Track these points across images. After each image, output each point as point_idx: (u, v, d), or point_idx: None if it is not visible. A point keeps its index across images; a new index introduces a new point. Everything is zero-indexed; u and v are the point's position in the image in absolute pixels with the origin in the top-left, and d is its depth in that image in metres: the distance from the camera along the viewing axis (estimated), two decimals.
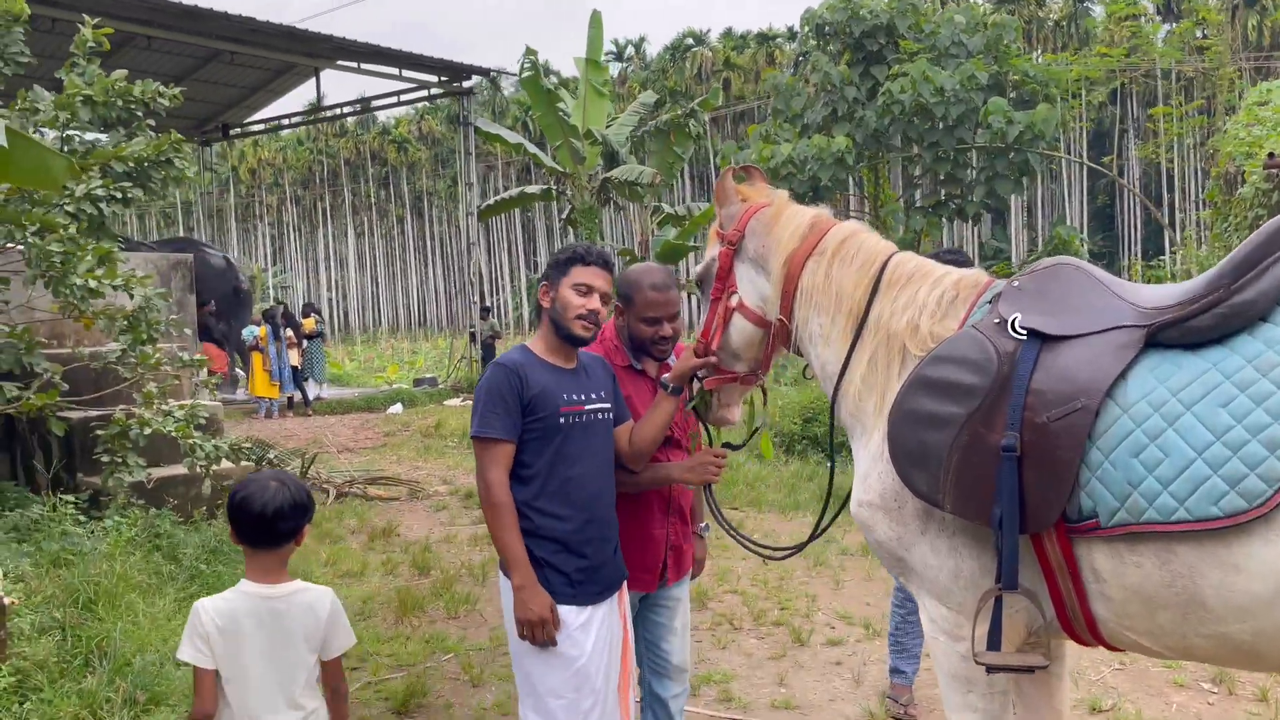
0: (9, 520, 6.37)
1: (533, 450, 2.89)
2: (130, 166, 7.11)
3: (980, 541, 2.27)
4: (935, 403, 2.24)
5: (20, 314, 7.36)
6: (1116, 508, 2.05)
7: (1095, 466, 2.08)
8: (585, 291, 2.91)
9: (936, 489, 2.24)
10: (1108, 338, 2.15)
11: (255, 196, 68.09)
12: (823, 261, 2.64)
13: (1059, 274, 2.33)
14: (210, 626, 2.68)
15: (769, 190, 2.93)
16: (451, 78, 19.88)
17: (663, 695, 3.52)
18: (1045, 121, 13.05)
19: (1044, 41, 41.89)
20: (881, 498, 2.44)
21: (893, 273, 2.55)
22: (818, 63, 14.58)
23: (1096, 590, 2.15)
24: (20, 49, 7.33)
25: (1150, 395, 2.05)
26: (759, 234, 2.80)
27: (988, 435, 2.17)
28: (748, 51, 46.10)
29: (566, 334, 2.94)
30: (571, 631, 2.87)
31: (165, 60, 19.53)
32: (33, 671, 4.52)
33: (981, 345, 2.24)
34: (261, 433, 13.44)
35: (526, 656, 2.91)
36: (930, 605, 2.42)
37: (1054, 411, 2.11)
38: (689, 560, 3.50)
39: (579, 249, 3.00)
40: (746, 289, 2.83)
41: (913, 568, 2.44)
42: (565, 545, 2.91)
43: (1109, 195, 48.24)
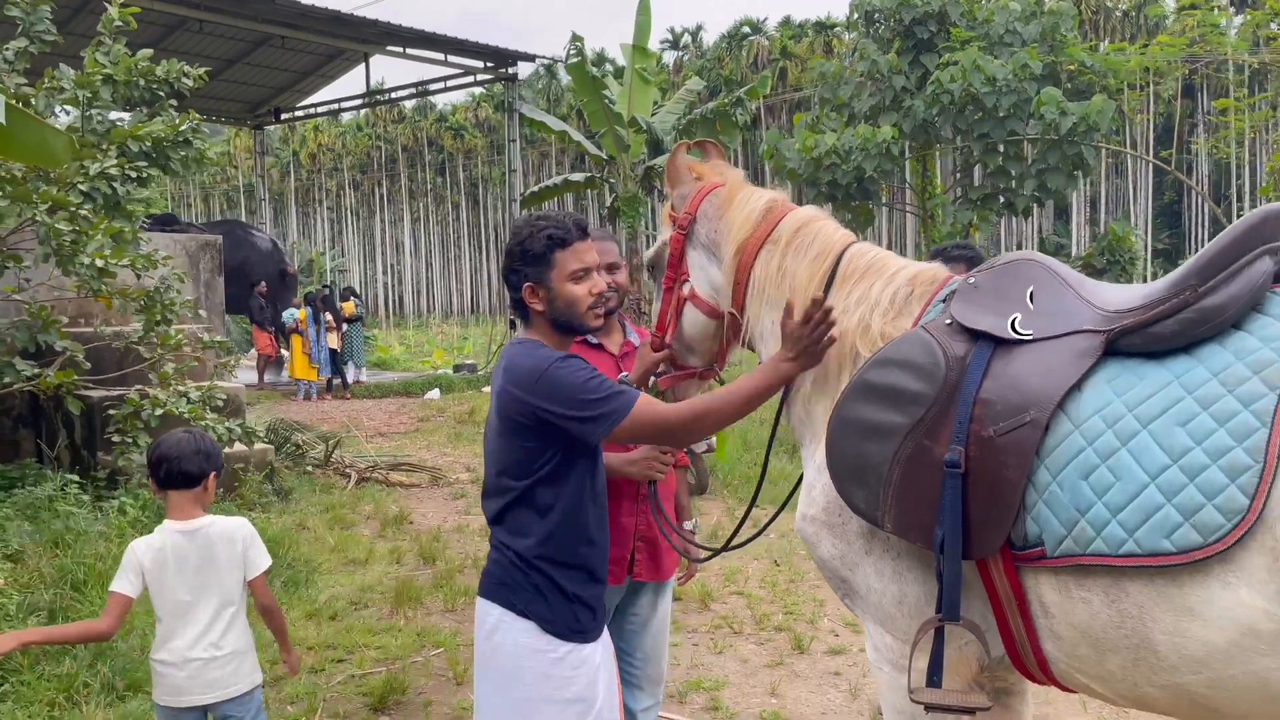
0: (21, 498, 6.39)
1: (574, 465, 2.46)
2: (148, 146, 7.08)
3: (927, 565, 2.06)
4: (877, 411, 2.03)
5: (46, 292, 7.41)
6: (1063, 535, 1.82)
7: (1042, 488, 1.86)
8: (584, 275, 2.44)
9: (876, 506, 2.02)
10: (1065, 343, 1.92)
11: (315, 181, 69.04)
12: (776, 251, 2.41)
13: (1019, 271, 2.09)
14: (144, 560, 3.08)
15: (725, 169, 2.68)
16: (498, 64, 19.81)
17: (632, 708, 3.32)
18: (1101, 113, 12.54)
19: (1111, 33, 40.64)
20: (825, 512, 2.23)
21: (848, 265, 2.32)
22: (865, 50, 14.22)
23: (1045, 626, 1.93)
24: (46, 27, 7.33)
25: (1105, 409, 1.82)
26: (711, 218, 2.57)
27: (932, 448, 1.96)
28: (805, 40, 45.43)
29: (584, 330, 2.53)
30: (592, 674, 2.50)
31: (218, 44, 19.75)
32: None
33: (929, 348, 2.02)
34: (298, 415, 13.48)
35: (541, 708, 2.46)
36: (874, 632, 2.21)
37: (1001, 424, 1.88)
38: (667, 561, 3.29)
39: (552, 229, 2.44)
40: (699, 277, 2.60)
41: (856, 590, 2.22)
42: (592, 572, 2.54)
43: (1176, 191, 46.78)
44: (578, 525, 2.49)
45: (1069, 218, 43.22)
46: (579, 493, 2.48)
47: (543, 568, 2.47)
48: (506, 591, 2.50)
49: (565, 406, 2.33)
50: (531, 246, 2.44)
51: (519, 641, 2.46)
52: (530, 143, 52.48)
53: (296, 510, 8.00)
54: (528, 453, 2.43)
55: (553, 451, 2.42)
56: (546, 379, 2.35)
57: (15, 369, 6.39)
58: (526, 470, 2.44)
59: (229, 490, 7.72)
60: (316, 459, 10.06)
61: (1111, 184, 46.14)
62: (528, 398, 2.37)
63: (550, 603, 2.47)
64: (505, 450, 2.48)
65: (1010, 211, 13.98)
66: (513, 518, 2.49)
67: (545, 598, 2.47)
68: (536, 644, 2.46)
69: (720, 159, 2.76)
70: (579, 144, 18.53)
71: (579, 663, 2.49)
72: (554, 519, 2.46)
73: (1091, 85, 13.92)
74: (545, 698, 2.45)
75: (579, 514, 2.49)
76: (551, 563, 2.47)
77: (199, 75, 7.82)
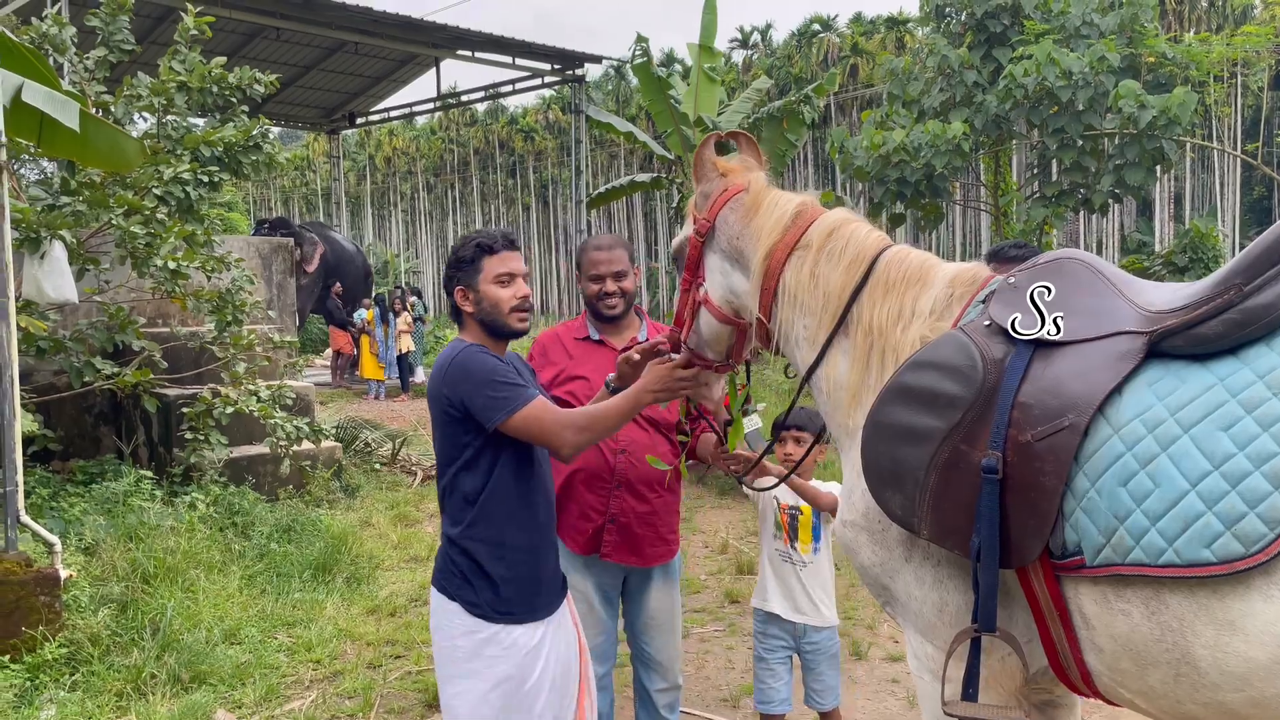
0: (99, 492, 6.61)
1: (502, 451, 2.62)
2: (219, 151, 7.27)
3: (968, 573, 1.99)
4: (913, 414, 1.97)
5: (124, 294, 7.66)
6: (1101, 544, 1.75)
7: (1081, 495, 1.78)
8: (509, 281, 2.67)
9: (912, 512, 1.97)
10: (1106, 345, 1.84)
11: (390, 184, 70.27)
12: (807, 256, 2.35)
13: (1061, 269, 2.01)
14: None
15: (753, 166, 2.60)
16: (565, 65, 19.91)
17: (647, 686, 3.58)
18: (1182, 106, 12.11)
19: (1196, 23, 39.32)
20: (865, 518, 2.18)
21: (885, 271, 2.25)
22: (935, 45, 13.95)
23: (1087, 638, 1.85)
24: (125, 36, 7.59)
25: (1146, 414, 1.74)
26: (733, 224, 2.50)
27: (969, 453, 1.89)
28: (876, 37, 44.79)
29: (507, 332, 2.71)
30: (521, 657, 2.62)
31: (294, 51, 20.21)
32: (84, 644, 4.65)
33: (967, 350, 1.95)
34: (369, 413, 13.73)
35: (461, 681, 2.64)
36: (915, 640, 2.15)
37: (1039, 429, 1.81)
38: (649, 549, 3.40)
39: (481, 239, 2.70)
40: (715, 282, 2.55)
41: (897, 597, 2.17)
42: (533, 552, 2.69)
43: (1266, 187, 45.05)
44: (504, 510, 2.64)
45: (1152, 214, 41.94)
46: (505, 478, 2.63)
47: (469, 549, 2.63)
48: (442, 577, 2.70)
49: (472, 388, 2.56)
50: (463, 254, 2.71)
51: (451, 623, 2.66)
52: (599, 144, 52.68)
53: (362, 507, 8.14)
54: (452, 441, 2.64)
55: (471, 438, 2.60)
56: (458, 365, 2.59)
57: (95, 368, 6.62)
58: (453, 458, 2.64)
59: (298, 487, 7.89)
60: (384, 457, 10.22)
61: (1198, 179, 44.60)
62: (443, 388, 2.60)
63: (475, 585, 2.63)
64: (438, 441, 2.69)
65: (1087, 209, 13.59)
66: (449, 506, 2.69)
67: (470, 581, 2.64)
68: (465, 625, 2.63)
69: (753, 153, 2.67)
70: (644, 144, 18.52)
71: (508, 644, 2.62)
72: (480, 504, 2.63)
73: (1173, 77, 13.48)
74: (471, 673, 2.62)
75: (505, 499, 2.64)
76: (477, 545, 2.63)
77: (270, 81, 8.01)
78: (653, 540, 3.40)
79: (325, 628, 5.36)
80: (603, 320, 3.44)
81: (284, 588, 5.85)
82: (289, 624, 5.40)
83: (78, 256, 6.36)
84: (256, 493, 7.32)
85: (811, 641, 3.62)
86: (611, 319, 3.42)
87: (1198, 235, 14.42)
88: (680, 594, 3.68)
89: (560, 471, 3.33)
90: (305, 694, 4.63)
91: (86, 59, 7.39)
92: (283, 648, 5.11)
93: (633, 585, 3.51)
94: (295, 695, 4.62)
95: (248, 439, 8.02)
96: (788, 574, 3.63)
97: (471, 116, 64.08)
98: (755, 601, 3.77)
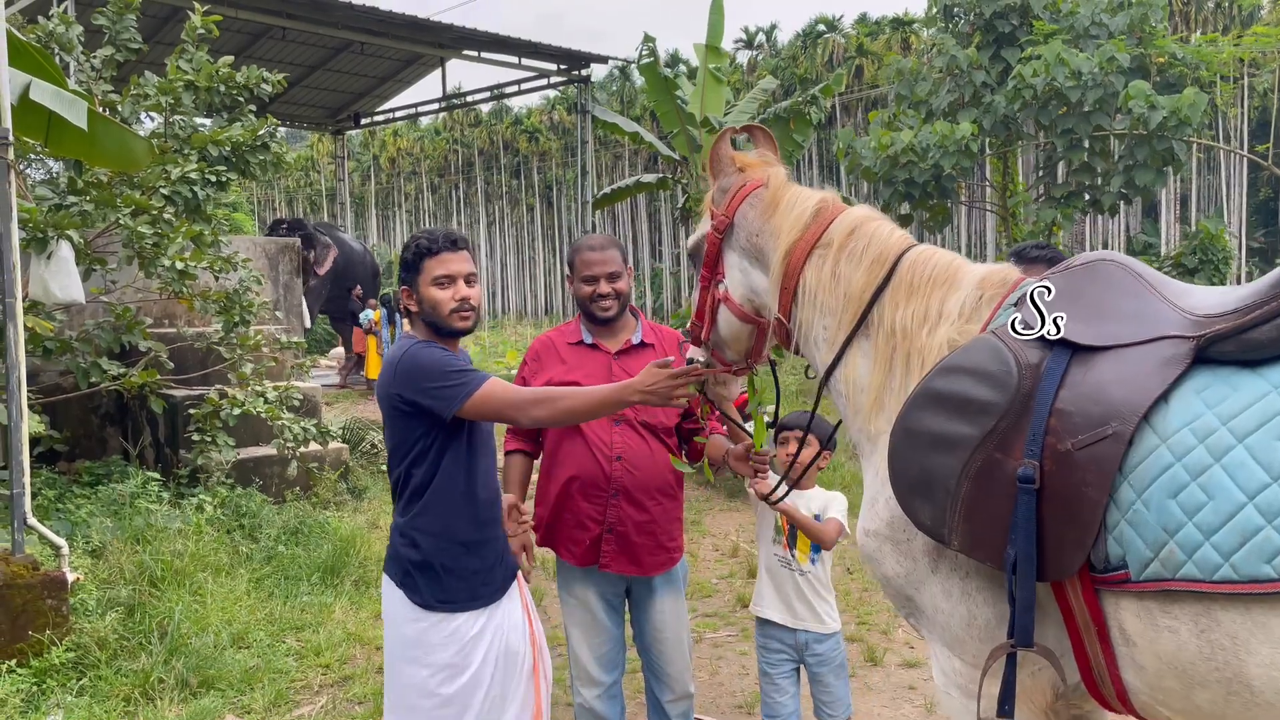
0: (105, 493, 6.57)
1: (449, 445, 2.70)
2: (227, 150, 7.23)
3: (999, 585, 1.94)
4: (943, 421, 1.91)
5: (131, 294, 7.63)
6: (1149, 558, 1.69)
7: (1125, 507, 1.72)
8: (448, 283, 2.72)
9: (943, 523, 1.91)
10: (1150, 350, 1.78)
11: (394, 184, 70.28)
12: (828, 255, 2.29)
13: (1097, 271, 1.95)
14: None
15: (772, 161, 2.55)
16: (570, 66, 19.87)
17: (659, 697, 3.51)
18: (1192, 107, 12.04)
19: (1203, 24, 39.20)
20: (889, 527, 2.12)
21: (909, 271, 2.19)
22: (944, 45, 13.89)
23: (1126, 655, 1.79)
24: (132, 35, 7.56)
25: (1195, 422, 1.68)
26: (752, 220, 2.45)
27: (1004, 462, 1.84)
28: (882, 37, 44.69)
29: (449, 331, 2.76)
30: (464, 643, 2.71)
31: (300, 50, 20.20)
32: (92, 648, 4.61)
33: (1000, 354, 1.89)
34: (375, 414, 13.67)
35: (405, 666, 2.74)
36: (941, 655, 2.09)
37: (1080, 437, 1.75)
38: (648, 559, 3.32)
39: (422, 241, 2.76)
40: (735, 279, 2.50)
41: (922, 610, 2.11)
42: (468, 546, 2.75)
43: (1273, 188, 44.90)
44: (448, 502, 2.72)
45: (1157, 215, 41.81)
46: (450, 471, 2.71)
47: (415, 539, 2.73)
48: (390, 564, 2.81)
49: (424, 382, 2.61)
50: (406, 255, 2.79)
51: (397, 611, 2.77)
52: (604, 145, 52.64)
53: (369, 509, 8.09)
54: (402, 436, 2.72)
55: (422, 432, 2.68)
56: (407, 360, 2.65)
57: (101, 369, 6.58)
58: (403, 454, 2.73)
59: (304, 488, 7.85)
60: None
61: (1204, 180, 44.44)
62: (393, 385, 2.67)
63: (416, 576, 2.73)
64: (389, 436, 2.78)
65: (1096, 210, 13.52)
66: (399, 497, 2.79)
67: (411, 571, 2.73)
68: (407, 613, 2.74)
69: (770, 147, 2.62)
70: (649, 145, 18.46)
71: (449, 631, 2.71)
72: (427, 497, 2.72)
73: (1183, 78, 13.41)
74: (413, 659, 2.72)
75: (450, 492, 2.72)
76: (422, 535, 2.72)
77: (278, 81, 7.97)
78: (652, 549, 3.32)
79: (334, 632, 5.31)
80: (596, 322, 3.38)
81: (292, 591, 5.81)
82: (297, 628, 5.36)
83: (84, 257, 6.32)
84: (263, 494, 7.28)
85: (815, 653, 3.50)
86: (605, 321, 3.36)
87: (1207, 237, 14.34)
88: (687, 600, 3.62)
89: (556, 480, 3.30)
90: (315, 699, 4.59)
91: (93, 58, 7.36)
92: (291, 652, 5.06)
93: (636, 595, 3.45)
94: (305, 700, 4.57)
95: (254, 440, 7.98)
96: (785, 580, 3.53)
97: (476, 117, 64.06)
98: (753, 607, 3.68)
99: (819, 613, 3.49)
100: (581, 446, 3.26)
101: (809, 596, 3.48)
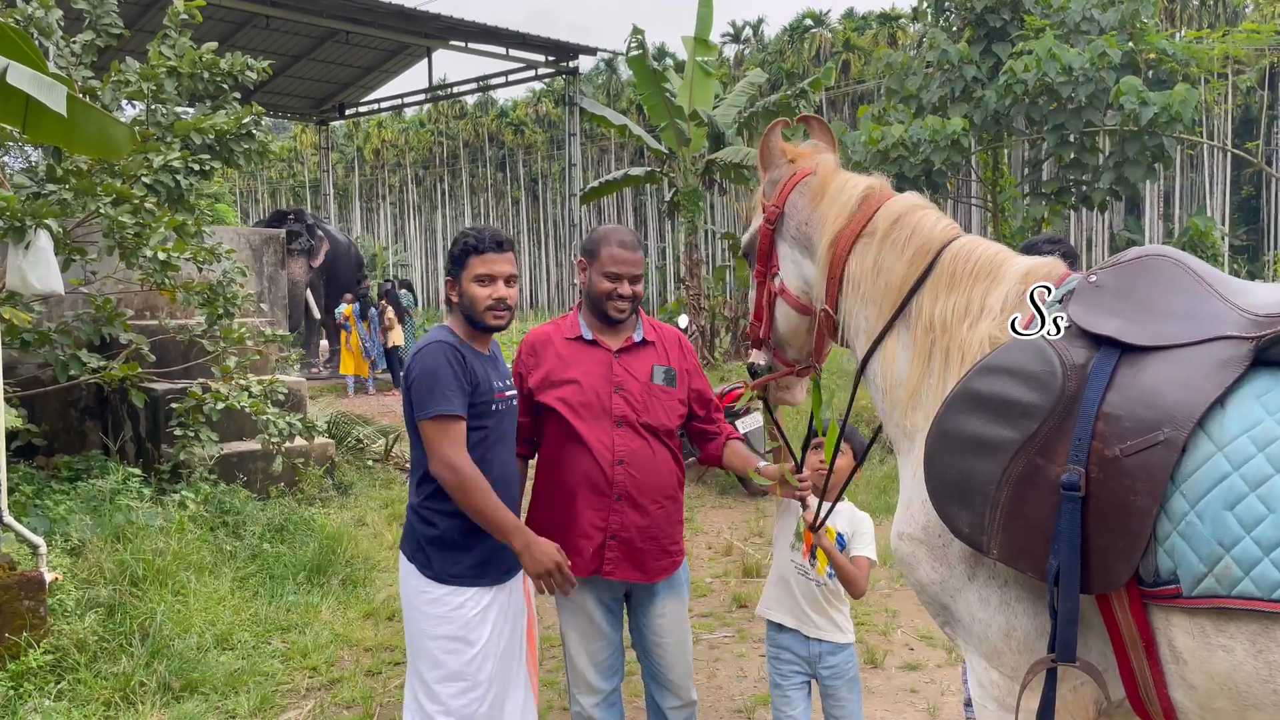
0: (85, 490, 6.41)
1: (472, 433, 2.86)
2: (211, 139, 7.06)
3: (1038, 595, 1.84)
4: (983, 424, 1.81)
5: (111, 285, 7.45)
6: (1202, 573, 1.59)
7: (1178, 518, 1.63)
8: (488, 281, 2.89)
9: (981, 530, 1.81)
10: (1205, 351, 1.68)
11: (378, 176, 69.88)
12: (872, 244, 2.21)
13: (1147, 267, 1.85)
14: None
15: (823, 150, 2.47)
16: (559, 57, 19.74)
17: (660, 704, 3.38)
18: (1184, 103, 12.01)
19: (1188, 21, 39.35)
20: (925, 532, 2.02)
21: (951, 263, 2.10)
22: (935, 40, 13.82)
23: (1176, 673, 1.70)
24: (113, 20, 7.37)
25: (1255, 430, 1.58)
26: (802, 208, 2.38)
27: (1046, 468, 1.74)
28: (869, 33, 44.70)
29: (483, 326, 2.94)
30: (469, 618, 2.86)
31: (284, 40, 19.96)
32: (71, 650, 4.46)
33: (1044, 355, 1.79)
34: (358, 409, 13.52)
35: (418, 640, 2.91)
36: (978, 666, 1.99)
37: (1130, 443, 1.66)
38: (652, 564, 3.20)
39: (470, 238, 2.92)
40: (789, 270, 2.42)
41: (959, 619, 2.01)
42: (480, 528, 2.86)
43: (1255, 186, 45.17)
44: None
45: (1140, 213, 42.00)
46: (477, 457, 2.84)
47: (426, 516, 2.90)
48: (405, 542, 2.99)
49: (414, 382, 2.85)
50: (455, 249, 2.95)
51: (410, 584, 2.94)
52: (589, 138, 52.44)
53: (356, 506, 7.96)
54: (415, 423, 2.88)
55: None
56: (419, 355, 2.88)
57: (81, 361, 6.41)
58: (417, 438, 2.89)
59: (289, 485, 7.70)
60: (376, 454, 10.04)
61: (1186, 178, 44.70)
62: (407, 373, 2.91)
63: (428, 550, 2.90)
64: (408, 422, 2.93)
65: (1085, 206, 13.49)
66: (415, 477, 2.96)
67: (423, 546, 2.91)
68: (419, 585, 2.90)
69: (825, 135, 2.54)
70: (639, 138, 18.34)
71: (457, 604, 2.86)
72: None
73: (1173, 74, 13.37)
74: (425, 633, 2.89)
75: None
76: (434, 512, 2.89)
77: (262, 68, 7.80)
78: (656, 554, 3.19)
79: (321, 633, 5.19)
80: (605, 321, 3.22)
81: (277, 590, 5.67)
82: (283, 629, 5.23)
83: (64, 246, 6.15)
84: (247, 491, 7.13)
85: (828, 665, 3.37)
86: (615, 322, 3.21)
87: (1196, 233, 14.32)
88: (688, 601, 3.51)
89: (556, 484, 3.18)
90: (302, 703, 4.46)
91: (73, 43, 7.17)
92: (277, 654, 4.93)
93: (637, 600, 3.31)
94: (291, 705, 4.44)
95: (237, 435, 7.83)
96: (801, 587, 3.41)
97: (461, 109, 63.77)
98: (761, 610, 3.55)
99: (835, 622, 3.38)
100: (582, 449, 3.12)
101: (825, 606, 3.37)
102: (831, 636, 3.36)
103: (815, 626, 3.35)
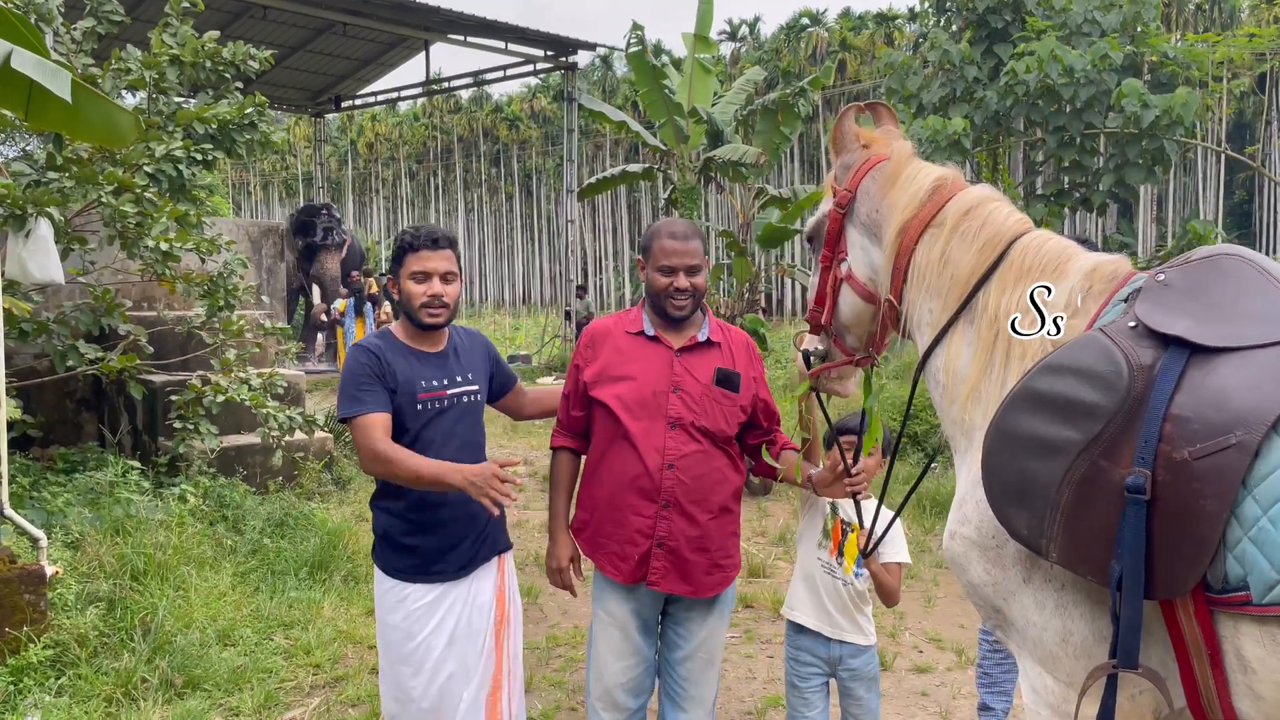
0: (82, 482, 6.33)
1: (424, 433, 2.95)
2: (213, 128, 6.98)
3: (1096, 599, 1.79)
4: (1045, 424, 1.76)
5: (110, 275, 7.36)
6: (1275, 580, 1.55)
7: (1249, 523, 1.58)
8: (423, 278, 2.94)
9: (1040, 533, 1.76)
10: (1279, 354, 1.65)
11: (372, 170, 69.62)
12: (940, 235, 2.16)
13: (1218, 267, 1.80)
14: None
15: (895, 137, 2.42)
16: (558, 52, 19.65)
17: None
18: (1185, 106, 11.95)
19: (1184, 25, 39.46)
20: (979, 532, 1.96)
21: (1020, 256, 2.05)
22: (936, 40, 13.79)
23: (1242, 683, 1.65)
24: (114, 7, 7.28)
25: None
26: (873, 194, 2.32)
27: (1110, 470, 1.69)
28: (865, 32, 44.70)
29: (418, 324, 2.99)
30: (411, 612, 2.98)
31: (281, 31, 19.82)
32: (71, 645, 4.39)
33: (1109, 354, 1.74)
34: None
35: (380, 627, 3.08)
36: (1032, 671, 1.94)
37: (1199, 446, 1.61)
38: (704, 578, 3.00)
39: (407, 236, 2.99)
40: (857, 257, 2.37)
41: (1012, 622, 1.96)
42: (420, 526, 2.99)
43: (1247, 190, 45.35)
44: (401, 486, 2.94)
45: (1133, 216, 42.12)
46: None
47: (375, 514, 3.09)
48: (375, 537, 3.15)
49: (342, 381, 2.96)
50: (394, 248, 3.04)
51: (375, 574, 3.12)
52: (585, 134, 52.36)
53: (355, 500, 7.88)
54: None
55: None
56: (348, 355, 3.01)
57: (79, 352, 6.32)
58: None
59: (288, 479, 7.62)
60: None
61: (1179, 181, 44.83)
62: None
63: (380, 543, 3.09)
64: None
65: (1085, 208, 13.48)
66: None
67: (377, 539, 3.10)
68: (378, 575, 3.10)
69: (892, 124, 2.50)
70: (636, 135, 18.27)
71: (401, 598, 3.01)
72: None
73: (1174, 77, 13.38)
74: (380, 619, 3.08)
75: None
76: (378, 510, 3.08)
77: (265, 58, 7.72)
78: (707, 567, 2.99)
79: (324, 629, 5.12)
80: (666, 318, 3.04)
81: (279, 586, 5.60)
82: (285, 625, 5.16)
83: (64, 235, 6.06)
84: (246, 484, 7.06)
85: (849, 667, 3.31)
86: (677, 320, 3.02)
87: (1195, 237, 14.30)
88: None
89: (602, 484, 3.02)
90: (306, 700, 4.39)
91: (74, 29, 7.08)
92: (280, 650, 4.86)
93: (676, 612, 3.11)
94: (295, 702, 4.38)
95: (236, 428, 7.75)
96: (827, 587, 3.33)
97: (455, 104, 63.58)
98: (785, 610, 3.48)
99: (859, 624, 3.32)
100: (629, 450, 2.96)
101: (850, 608, 3.31)
102: (854, 639, 3.30)
103: (839, 628, 3.29)
